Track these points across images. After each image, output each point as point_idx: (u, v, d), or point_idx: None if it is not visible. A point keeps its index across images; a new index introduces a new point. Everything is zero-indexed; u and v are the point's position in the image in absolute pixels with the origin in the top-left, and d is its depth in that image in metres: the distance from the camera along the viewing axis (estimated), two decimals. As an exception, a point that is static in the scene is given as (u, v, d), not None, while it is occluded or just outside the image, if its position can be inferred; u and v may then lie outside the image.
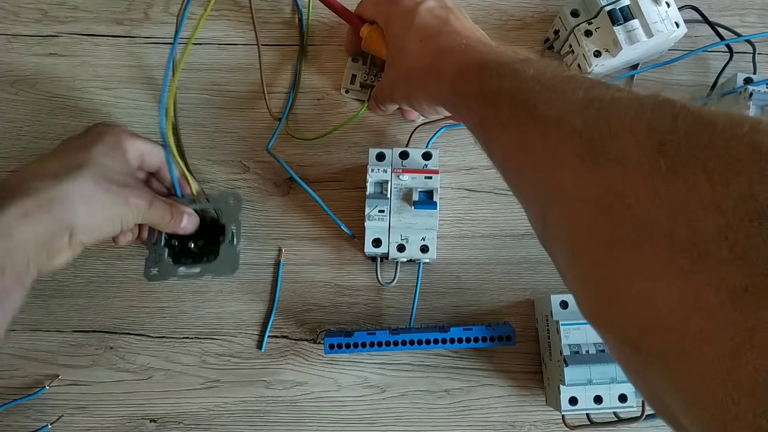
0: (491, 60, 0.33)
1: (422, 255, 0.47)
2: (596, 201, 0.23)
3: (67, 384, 0.49)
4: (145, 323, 0.50)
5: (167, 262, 0.47)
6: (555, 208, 0.27)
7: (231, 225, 0.48)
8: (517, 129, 0.29)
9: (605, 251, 0.23)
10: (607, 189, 0.23)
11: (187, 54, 0.52)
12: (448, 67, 0.36)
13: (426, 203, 0.46)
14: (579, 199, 0.24)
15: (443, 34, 0.39)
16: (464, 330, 0.44)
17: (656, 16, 0.47)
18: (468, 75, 0.34)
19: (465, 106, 0.34)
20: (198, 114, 0.53)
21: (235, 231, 0.48)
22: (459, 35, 0.38)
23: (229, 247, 0.48)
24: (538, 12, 0.55)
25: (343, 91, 0.53)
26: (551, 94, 0.27)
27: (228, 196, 0.48)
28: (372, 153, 0.48)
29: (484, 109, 0.32)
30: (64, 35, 0.54)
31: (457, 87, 0.35)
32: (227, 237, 0.48)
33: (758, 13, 0.55)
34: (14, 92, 0.53)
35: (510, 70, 0.31)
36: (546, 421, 0.49)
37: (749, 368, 0.17)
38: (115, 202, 0.40)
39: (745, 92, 0.46)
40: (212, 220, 0.49)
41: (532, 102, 0.28)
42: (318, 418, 0.49)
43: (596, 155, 0.24)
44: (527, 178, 0.29)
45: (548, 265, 0.51)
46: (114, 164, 0.41)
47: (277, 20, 0.54)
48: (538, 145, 0.27)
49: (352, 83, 0.53)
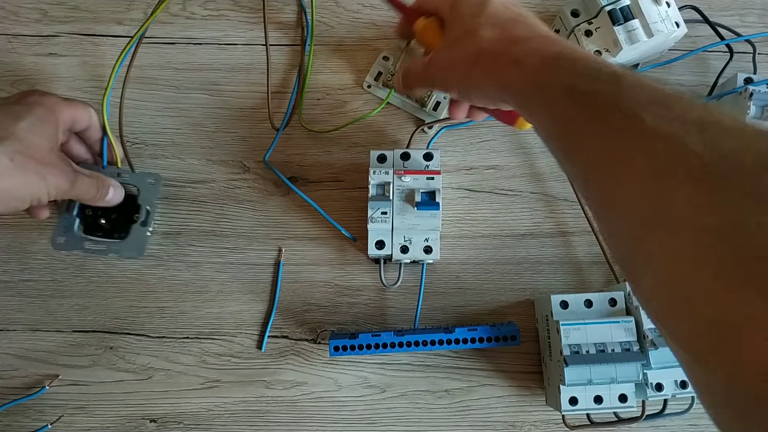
0: (582, 57, 0.31)
1: (425, 256, 0.46)
2: (714, 233, 0.22)
3: (67, 384, 0.49)
4: (145, 323, 0.50)
5: (76, 233, 0.47)
6: (658, 230, 0.25)
7: (146, 206, 0.48)
8: (615, 137, 0.27)
9: (720, 289, 0.22)
10: (732, 223, 0.21)
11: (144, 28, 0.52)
12: (530, 55, 0.33)
13: (428, 204, 0.46)
14: (693, 227, 0.23)
15: (520, 24, 0.36)
16: (469, 330, 0.44)
17: (656, 16, 0.47)
18: (557, 67, 0.31)
19: (546, 101, 0.31)
20: (198, 114, 0.53)
21: (150, 213, 0.48)
22: (538, 27, 0.35)
23: (140, 229, 0.47)
24: (538, 12, 0.55)
25: (365, 86, 0.53)
26: (660, 108, 0.26)
27: (148, 176, 0.48)
28: (373, 155, 0.48)
29: (574, 108, 0.29)
30: (64, 35, 0.54)
31: (540, 78, 0.32)
32: (141, 217, 0.47)
33: (758, 13, 0.55)
34: (14, 92, 0.53)
35: (609, 73, 0.29)
36: (546, 421, 0.49)
37: None
38: (28, 182, 0.40)
39: (745, 92, 0.46)
40: (130, 198, 0.48)
41: (636, 112, 0.26)
42: (318, 418, 0.49)
43: (718, 183, 0.22)
44: (623, 192, 0.27)
45: (548, 265, 0.51)
46: (38, 140, 0.40)
47: (279, 19, 0.54)
48: (640, 160, 0.25)
49: (376, 80, 0.53)
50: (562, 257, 0.51)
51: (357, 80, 0.54)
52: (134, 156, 0.52)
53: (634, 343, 0.43)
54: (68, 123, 0.44)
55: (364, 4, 0.55)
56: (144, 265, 0.50)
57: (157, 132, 0.52)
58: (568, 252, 0.51)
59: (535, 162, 0.52)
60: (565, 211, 0.52)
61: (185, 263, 0.50)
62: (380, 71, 0.53)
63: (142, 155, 0.52)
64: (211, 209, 0.51)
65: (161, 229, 0.51)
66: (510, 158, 0.52)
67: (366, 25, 0.54)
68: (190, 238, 0.51)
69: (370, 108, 0.53)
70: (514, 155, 0.53)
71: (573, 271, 0.51)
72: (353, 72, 0.54)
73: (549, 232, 0.51)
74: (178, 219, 0.51)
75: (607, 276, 0.50)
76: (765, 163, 0.22)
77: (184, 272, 0.50)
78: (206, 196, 0.52)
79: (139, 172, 0.49)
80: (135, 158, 0.51)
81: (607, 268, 0.50)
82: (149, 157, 0.52)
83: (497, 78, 0.34)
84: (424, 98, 0.51)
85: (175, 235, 0.51)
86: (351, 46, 0.54)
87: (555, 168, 0.52)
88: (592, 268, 0.51)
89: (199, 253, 0.51)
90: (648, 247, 0.25)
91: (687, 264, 0.23)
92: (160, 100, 0.53)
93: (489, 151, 0.53)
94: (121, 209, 0.48)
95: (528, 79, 0.32)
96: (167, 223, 0.51)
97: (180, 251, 0.51)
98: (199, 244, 0.51)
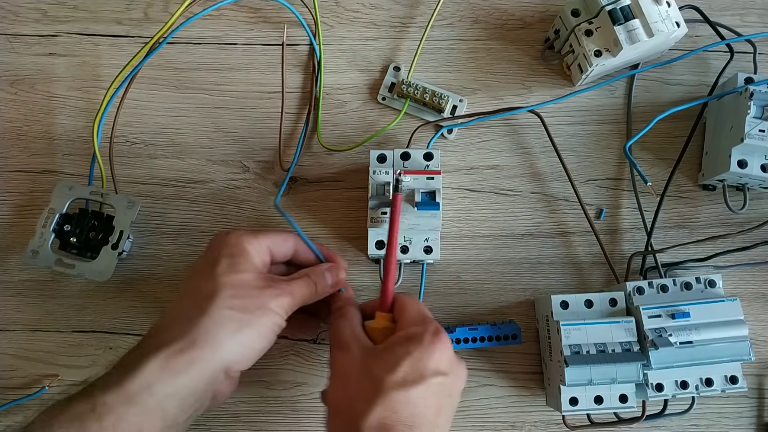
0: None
1: (426, 256, 0.46)
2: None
3: (67, 384, 0.49)
4: (144, 323, 0.50)
5: (48, 248, 0.46)
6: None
7: (120, 228, 0.47)
8: None
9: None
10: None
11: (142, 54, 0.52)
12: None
13: (429, 204, 0.46)
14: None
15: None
16: (470, 330, 0.44)
17: (657, 15, 0.47)
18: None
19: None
20: (198, 114, 0.53)
21: (122, 236, 0.47)
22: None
23: (109, 252, 0.46)
24: (538, 12, 0.55)
25: (379, 98, 0.53)
26: None
27: (126, 199, 0.47)
28: (373, 155, 0.48)
29: None
30: (63, 35, 0.54)
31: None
32: (113, 239, 0.47)
33: (759, 13, 0.55)
34: (14, 92, 0.53)
35: None
36: (546, 422, 0.49)
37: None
38: (256, 319, 0.37)
39: (745, 92, 0.46)
40: (109, 219, 0.48)
41: None
42: (318, 418, 0.49)
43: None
44: None
45: (548, 265, 0.51)
46: (242, 277, 0.38)
47: (280, 20, 0.54)
48: None
49: (390, 91, 0.53)
50: (563, 257, 0.51)
51: (360, 83, 0.53)
52: (134, 156, 0.52)
53: (634, 343, 0.43)
54: (263, 250, 0.41)
55: (364, 4, 0.55)
56: (144, 265, 0.50)
57: (157, 132, 0.52)
58: (568, 252, 0.51)
59: (535, 162, 0.52)
60: (565, 211, 0.52)
61: (185, 263, 0.50)
62: (393, 82, 0.53)
63: (141, 155, 0.52)
64: (211, 209, 0.51)
65: (161, 229, 0.51)
66: (510, 158, 0.52)
67: (366, 25, 0.54)
68: (190, 238, 0.51)
69: (377, 114, 0.53)
70: (514, 155, 0.52)
71: (573, 271, 0.51)
72: (360, 75, 0.54)
73: (549, 232, 0.51)
74: (178, 219, 0.51)
75: (608, 276, 0.50)
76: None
77: (183, 272, 0.50)
78: (206, 196, 0.52)
79: (120, 194, 0.48)
80: (135, 158, 0.52)
81: (607, 268, 0.50)
82: (149, 157, 0.52)
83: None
84: (441, 104, 0.51)
85: (175, 235, 0.51)
86: (351, 46, 0.54)
87: (555, 168, 0.52)
88: (593, 268, 0.51)
89: (199, 253, 0.51)
90: None
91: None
92: (160, 100, 0.53)
93: (489, 151, 0.53)
94: (98, 230, 0.48)
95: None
96: (167, 223, 0.51)
97: (180, 251, 0.51)
98: (199, 244, 0.51)
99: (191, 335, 0.35)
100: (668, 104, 0.51)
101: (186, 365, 0.35)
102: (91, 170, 0.49)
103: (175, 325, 0.36)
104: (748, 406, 0.49)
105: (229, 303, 0.37)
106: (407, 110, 0.52)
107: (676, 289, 0.45)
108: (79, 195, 0.47)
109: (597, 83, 0.53)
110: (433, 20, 0.52)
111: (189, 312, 0.37)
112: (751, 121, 0.45)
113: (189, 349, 0.35)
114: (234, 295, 0.37)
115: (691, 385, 0.43)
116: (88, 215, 0.48)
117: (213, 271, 0.38)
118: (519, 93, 0.53)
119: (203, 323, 0.36)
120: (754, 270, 0.51)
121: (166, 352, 0.34)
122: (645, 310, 0.43)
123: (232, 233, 0.41)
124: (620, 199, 0.52)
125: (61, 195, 0.47)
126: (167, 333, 0.36)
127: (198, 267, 0.40)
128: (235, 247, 0.39)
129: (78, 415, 0.32)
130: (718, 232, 0.51)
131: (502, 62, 0.54)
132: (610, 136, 0.53)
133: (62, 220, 0.47)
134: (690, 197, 0.52)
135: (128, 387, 0.33)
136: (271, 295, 0.38)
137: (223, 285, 0.37)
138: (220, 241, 0.40)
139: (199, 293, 0.38)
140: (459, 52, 0.54)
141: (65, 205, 0.47)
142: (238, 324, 0.37)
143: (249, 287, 0.38)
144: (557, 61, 0.53)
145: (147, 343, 0.36)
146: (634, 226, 0.51)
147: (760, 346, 0.50)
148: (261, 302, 0.38)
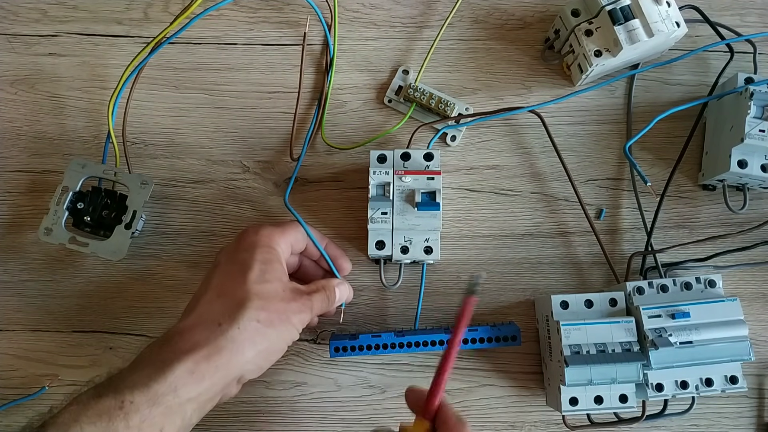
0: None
1: (426, 256, 0.46)
2: None
3: (67, 384, 0.49)
4: (144, 323, 0.50)
5: (61, 226, 0.46)
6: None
7: (133, 208, 0.47)
8: None
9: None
10: None
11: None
12: None
13: (429, 204, 0.46)
14: None
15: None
16: (470, 331, 0.44)
17: (657, 15, 0.47)
18: None
19: None
20: (198, 114, 0.53)
21: (135, 215, 0.47)
22: None
23: (122, 231, 0.47)
24: (538, 11, 0.55)
25: (386, 100, 0.53)
26: None
27: (139, 178, 0.47)
28: (373, 155, 0.48)
29: None
30: (63, 35, 0.54)
31: None
32: (126, 219, 0.47)
33: (759, 13, 0.55)
34: (14, 92, 0.53)
35: None
36: (546, 422, 0.49)
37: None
38: (278, 334, 0.39)
39: (745, 92, 0.46)
40: (123, 198, 0.48)
41: None
42: (318, 418, 0.49)
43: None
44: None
45: (548, 265, 0.51)
46: (272, 287, 0.40)
47: (284, 19, 0.54)
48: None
49: (396, 94, 0.53)
50: (563, 257, 0.51)
51: (360, 83, 0.53)
52: (134, 156, 0.52)
53: (634, 343, 0.43)
54: (287, 253, 0.43)
55: (364, 4, 0.55)
56: (144, 265, 0.50)
57: (157, 132, 0.52)
58: (568, 252, 0.51)
59: (535, 162, 0.52)
60: (565, 211, 0.52)
61: (185, 263, 0.50)
62: (401, 85, 0.53)
63: (142, 155, 0.52)
64: (211, 209, 0.51)
65: (161, 229, 0.51)
66: (510, 158, 0.52)
67: (366, 24, 0.54)
68: (190, 238, 0.51)
69: (378, 115, 0.53)
70: (514, 155, 0.52)
71: (573, 271, 0.51)
72: (359, 75, 0.54)
73: (549, 232, 0.51)
74: (178, 219, 0.51)
75: (607, 276, 0.50)
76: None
77: (183, 272, 0.50)
78: (206, 196, 0.52)
79: (133, 173, 0.48)
80: (135, 158, 0.52)
81: (607, 268, 0.50)
82: (149, 157, 0.52)
83: None
84: (446, 111, 0.51)
85: (175, 235, 0.51)
86: (351, 46, 0.54)
87: (555, 168, 0.52)
88: (593, 268, 0.51)
89: (198, 253, 0.51)
90: None
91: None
92: (160, 100, 0.53)
93: (489, 151, 0.53)
94: (111, 208, 0.48)
95: None
96: (167, 223, 0.51)
97: (180, 251, 0.51)
98: (199, 244, 0.51)
99: (218, 343, 0.36)
100: (668, 104, 0.51)
101: (211, 372, 0.36)
102: (105, 149, 0.49)
103: (204, 328, 0.37)
104: (748, 406, 0.49)
105: (257, 315, 0.38)
106: (419, 118, 0.53)
107: (676, 289, 0.45)
108: (93, 173, 0.47)
109: (597, 83, 0.53)
110: (435, 21, 0.52)
111: (219, 317, 0.37)
112: (751, 121, 0.45)
113: (215, 356, 0.36)
114: (262, 306, 0.38)
115: (691, 385, 0.43)
116: (101, 193, 0.48)
117: (245, 278, 0.39)
118: (519, 93, 0.53)
119: (231, 332, 0.37)
120: (754, 270, 0.51)
121: (194, 357, 0.35)
122: (645, 310, 0.43)
123: (262, 231, 0.42)
124: (620, 199, 0.52)
125: (75, 173, 0.47)
126: (195, 335, 0.37)
127: (229, 267, 0.41)
128: (268, 252, 0.41)
129: (106, 411, 0.33)
130: (718, 232, 0.51)
131: (502, 62, 0.54)
132: (610, 136, 0.53)
133: (75, 198, 0.47)
134: (690, 197, 0.52)
135: (156, 389, 0.34)
136: (294, 311, 0.40)
137: (254, 295, 0.38)
138: (253, 242, 0.41)
139: (229, 298, 0.39)
140: (459, 52, 0.54)
141: (79, 183, 0.47)
142: (262, 337, 0.38)
143: (277, 299, 0.39)
144: (557, 61, 0.53)
145: (176, 343, 0.36)
146: (634, 226, 0.51)
147: (760, 346, 0.50)
148: (286, 317, 0.39)
